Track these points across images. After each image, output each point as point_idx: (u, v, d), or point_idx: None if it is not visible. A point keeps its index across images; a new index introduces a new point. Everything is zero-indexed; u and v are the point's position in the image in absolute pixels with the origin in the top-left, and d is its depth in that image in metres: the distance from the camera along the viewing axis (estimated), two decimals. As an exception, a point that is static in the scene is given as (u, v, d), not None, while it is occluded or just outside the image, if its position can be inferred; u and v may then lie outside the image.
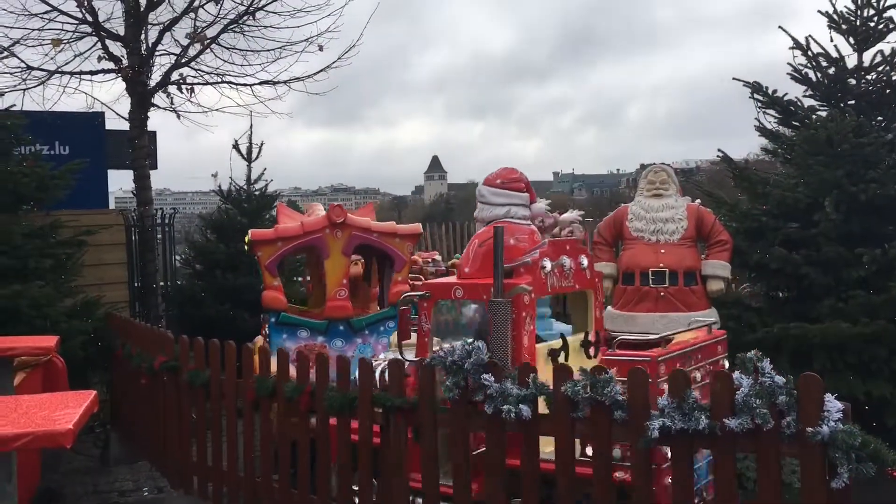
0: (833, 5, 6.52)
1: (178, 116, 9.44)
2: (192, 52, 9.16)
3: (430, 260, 8.25)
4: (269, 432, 4.96)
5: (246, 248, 6.33)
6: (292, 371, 4.78)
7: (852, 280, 6.01)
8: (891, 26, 6.35)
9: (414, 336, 4.53)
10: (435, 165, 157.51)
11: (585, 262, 4.74)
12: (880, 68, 6.40)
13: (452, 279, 4.82)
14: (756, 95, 6.81)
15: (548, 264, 4.41)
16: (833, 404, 3.11)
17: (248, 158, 9.15)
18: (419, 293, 4.60)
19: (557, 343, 4.62)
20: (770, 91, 6.76)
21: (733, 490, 3.33)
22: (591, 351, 4.70)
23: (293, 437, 4.79)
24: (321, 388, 4.51)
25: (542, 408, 3.74)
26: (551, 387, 3.66)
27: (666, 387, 3.47)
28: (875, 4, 6.36)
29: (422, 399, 4.08)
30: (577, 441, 3.73)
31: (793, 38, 6.60)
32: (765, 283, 6.81)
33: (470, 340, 3.90)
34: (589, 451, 3.74)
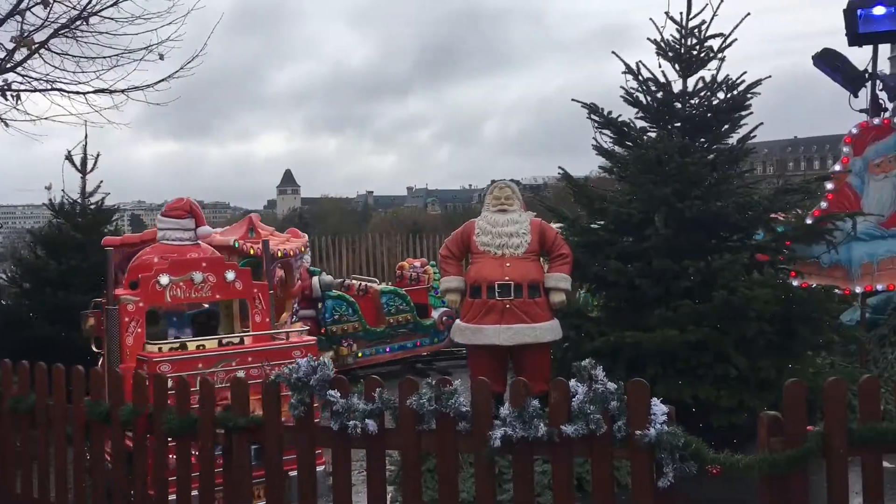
0: (661, 34, 6.97)
1: (6, 125, 8.80)
2: (18, 56, 8.56)
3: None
4: (101, 460, 4.68)
5: None
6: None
7: (680, 290, 6.39)
8: (711, 55, 6.84)
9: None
10: (288, 179, 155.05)
11: (231, 276, 5.76)
12: (702, 93, 6.87)
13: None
14: (593, 116, 7.15)
15: (165, 279, 5.47)
16: (659, 408, 3.30)
17: (83, 170, 8.65)
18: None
19: None
20: (605, 112, 7.12)
21: (571, 494, 3.47)
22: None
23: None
24: (160, 409, 4.32)
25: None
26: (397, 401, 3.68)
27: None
28: (697, 34, 6.85)
29: (266, 417, 3.99)
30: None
31: (625, 63, 7.00)
32: (603, 295, 7.15)
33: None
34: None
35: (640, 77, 7.00)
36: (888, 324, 8.14)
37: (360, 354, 10.17)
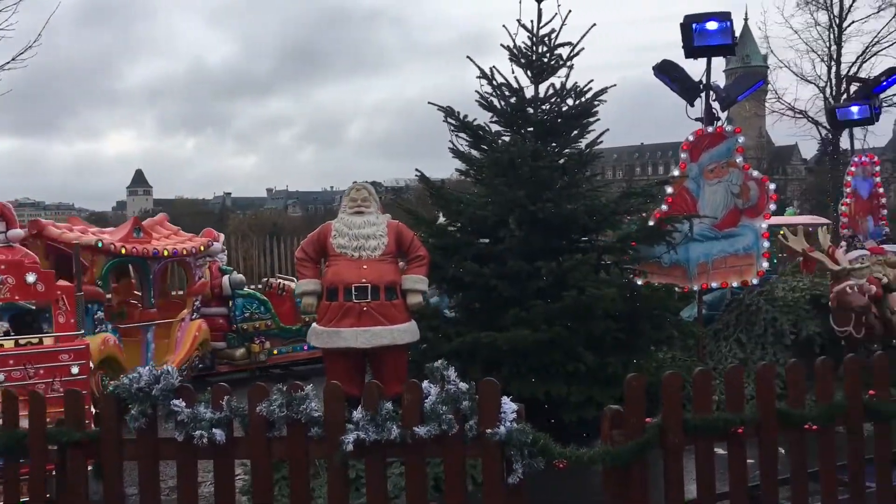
0: (513, 41, 7.15)
1: None
2: None
3: None
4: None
5: None
6: None
7: (533, 291, 6.57)
8: (560, 62, 7.09)
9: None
10: (139, 180, 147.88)
11: (32, 278, 5.86)
12: (553, 99, 7.10)
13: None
14: (449, 119, 7.24)
15: None
16: (508, 406, 3.37)
17: None
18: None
19: None
20: (461, 116, 7.23)
21: (424, 495, 3.48)
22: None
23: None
24: None
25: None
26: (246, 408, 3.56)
27: None
28: (547, 42, 7.08)
29: (104, 431, 3.75)
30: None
31: (479, 68, 7.13)
32: (460, 296, 7.25)
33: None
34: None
35: (494, 82, 7.15)
36: (722, 319, 8.71)
37: (275, 352, 10.59)
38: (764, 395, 3.69)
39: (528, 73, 7.16)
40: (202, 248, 9.47)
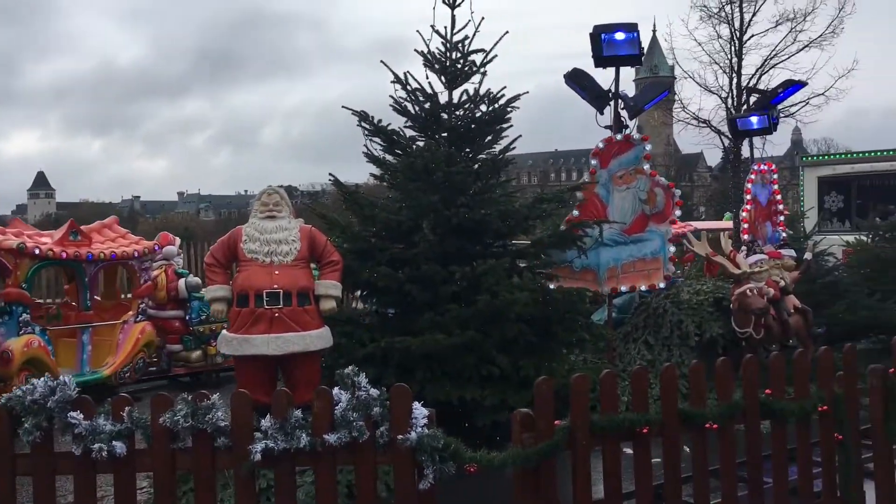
0: (427, 46, 7.18)
1: None
2: None
3: None
4: None
5: None
6: None
7: (447, 295, 6.60)
8: (474, 69, 7.16)
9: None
10: (41, 182, 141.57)
11: None
12: (467, 105, 7.16)
13: None
14: (363, 124, 7.21)
15: None
16: (420, 411, 3.37)
17: None
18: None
19: None
20: (376, 120, 7.20)
21: (335, 503, 3.44)
22: None
23: None
24: None
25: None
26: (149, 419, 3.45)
27: None
28: (461, 49, 7.14)
29: (-4, 447, 3.57)
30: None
31: (393, 73, 7.13)
32: (375, 301, 7.21)
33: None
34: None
35: (408, 87, 7.16)
36: (631, 322, 8.94)
37: None
38: (667, 395, 3.80)
39: (442, 78, 7.20)
40: (146, 252, 9.55)
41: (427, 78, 7.18)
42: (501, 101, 7.12)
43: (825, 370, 4.42)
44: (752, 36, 24.35)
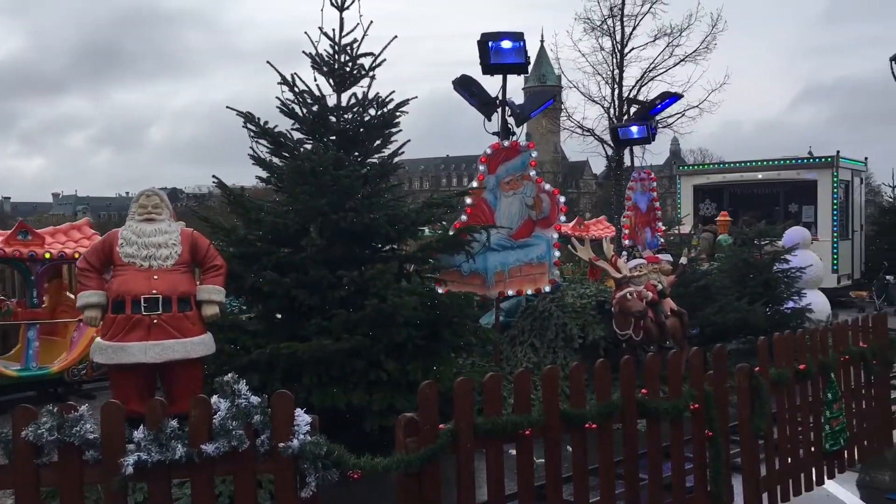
0: (316, 48, 7.09)
1: None
2: None
3: None
4: None
5: None
6: None
7: (335, 300, 6.54)
8: (363, 72, 7.12)
9: None
10: None
11: None
12: (355, 109, 7.12)
13: None
14: (249, 125, 7.05)
15: None
16: (302, 418, 3.31)
17: None
18: None
19: None
20: (262, 122, 7.06)
21: (214, 515, 3.33)
22: None
23: None
24: None
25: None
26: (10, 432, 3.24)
27: None
28: (350, 52, 7.09)
29: None
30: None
31: (280, 75, 7.00)
32: (260, 306, 7.06)
33: None
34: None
35: (296, 89, 7.06)
36: (518, 325, 9.11)
37: None
38: (548, 397, 3.89)
39: (331, 81, 7.14)
40: None
41: (315, 80, 7.11)
42: (391, 106, 7.12)
43: (696, 370, 4.63)
44: (633, 49, 25.43)
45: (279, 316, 6.99)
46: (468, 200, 8.52)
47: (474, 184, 8.71)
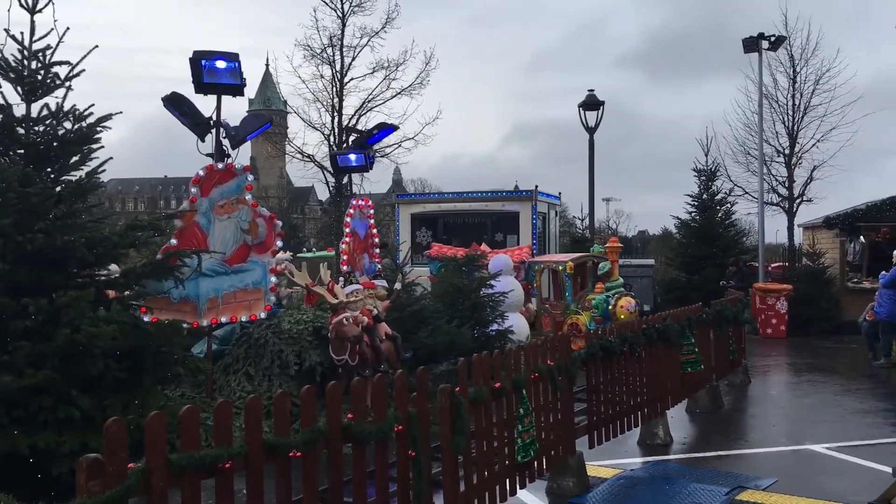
0: (1, 52, 6.40)
1: None
2: None
3: None
4: None
5: None
6: None
7: (19, 331, 5.90)
8: (58, 82, 6.55)
9: None
10: None
11: None
12: (48, 121, 6.52)
13: None
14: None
15: None
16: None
17: None
18: None
19: None
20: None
21: None
22: None
23: None
24: None
25: None
26: None
27: None
28: (42, 59, 6.48)
29: None
30: None
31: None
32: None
33: None
34: None
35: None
36: (232, 354, 8.85)
37: None
38: (251, 427, 3.79)
39: (19, 89, 6.48)
40: None
41: (0, 87, 6.40)
42: (90, 119, 6.61)
43: (400, 392, 4.79)
44: (353, 79, 26.09)
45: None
46: (178, 223, 8.12)
47: (186, 206, 8.34)
